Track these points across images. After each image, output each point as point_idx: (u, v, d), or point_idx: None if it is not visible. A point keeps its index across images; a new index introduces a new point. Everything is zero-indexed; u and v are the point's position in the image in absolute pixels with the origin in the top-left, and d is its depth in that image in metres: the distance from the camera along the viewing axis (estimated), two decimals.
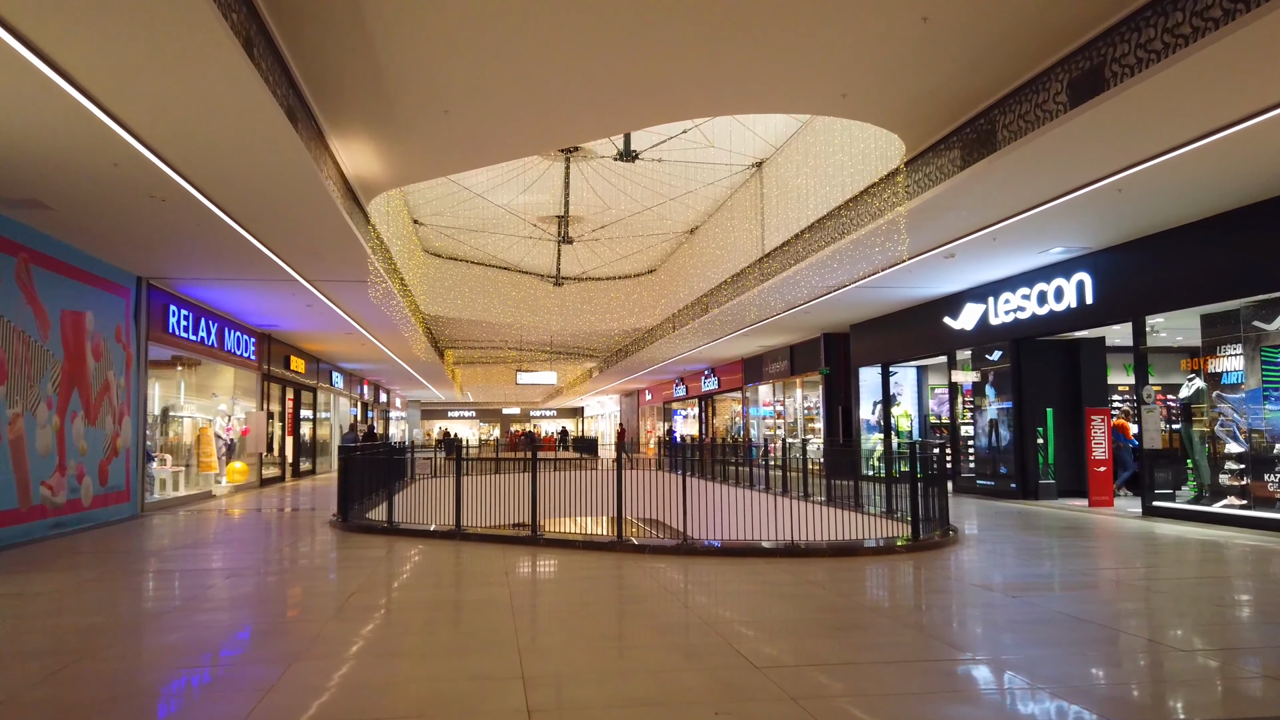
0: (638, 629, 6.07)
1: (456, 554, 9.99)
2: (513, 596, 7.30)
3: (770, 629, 6.06)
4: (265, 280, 15.27)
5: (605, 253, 25.33)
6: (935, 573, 8.41)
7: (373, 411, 44.55)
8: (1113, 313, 13.69)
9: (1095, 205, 11.19)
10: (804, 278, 15.59)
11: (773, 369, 29.18)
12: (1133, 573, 8.62)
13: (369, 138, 10.70)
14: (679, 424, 45.54)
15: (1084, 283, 14.12)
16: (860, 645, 5.64)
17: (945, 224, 12.25)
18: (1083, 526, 12.24)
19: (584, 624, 6.45)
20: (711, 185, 19.06)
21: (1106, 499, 14.66)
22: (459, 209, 21.41)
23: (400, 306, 18.18)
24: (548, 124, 10.36)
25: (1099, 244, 13.47)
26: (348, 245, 12.51)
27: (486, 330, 29.15)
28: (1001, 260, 14.61)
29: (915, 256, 14.16)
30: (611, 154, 14.43)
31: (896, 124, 10.66)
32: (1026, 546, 10.26)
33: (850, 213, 13.49)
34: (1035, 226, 12.29)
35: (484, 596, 7.46)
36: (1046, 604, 6.80)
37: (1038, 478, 15.99)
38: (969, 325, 17.25)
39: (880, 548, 9.52)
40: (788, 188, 16.20)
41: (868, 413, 22.69)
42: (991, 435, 17.01)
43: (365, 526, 11.88)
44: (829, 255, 14.16)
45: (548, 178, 19.79)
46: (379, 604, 7.17)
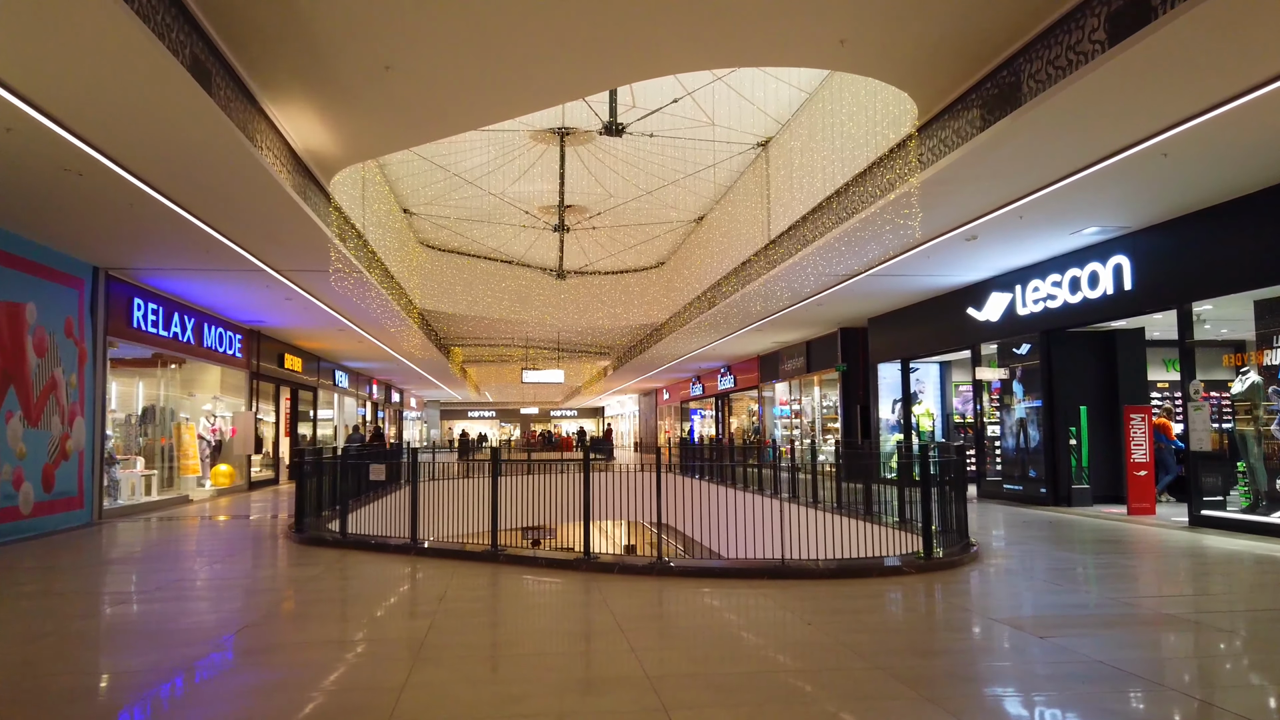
0: (546, 688, 4.80)
1: (401, 573, 8.83)
2: (429, 632, 6.08)
3: (724, 687, 4.79)
4: (231, 270, 14.22)
5: (610, 244, 24.11)
6: (945, 602, 7.10)
7: (383, 411, 43.65)
8: (1155, 299, 12.27)
9: (1136, 175, 9.82)
10: (810, 264, 14.28)
11: (789, 366, 27.83)
12: (1187, 602, 7.27)
13: (310, 103, 9.56)
14: (697, 424, 44.23)
15: (1122, 266, 12.71)
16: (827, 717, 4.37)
17: (965, 199, 10.91)
18: (1122, 539, 10.85)
19: (487, 676, 5.25)
20: (714, 168, 17.78)
21: (1147, 506, 13.24)
22: (452, 198, 20.28)
23: (384, 299, 17.07)
24: (506, 83, 9.16)
25: (1139, 222, 12.06)
26: (303, 228, 11.38)
27: (488, 327, 28.04)
28: (1029, 243, 13.22)
29: (932, 239, 12.82)
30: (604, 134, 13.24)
31: (906, 79, 9.34)
32: (1057, 565, 8.90)
33: (859, 190, 12.18)
34: (1067, 202, 10.92)
35: (394, 635, 6.23)
36: (1082, 648, 5.48)
37: (1070, 482, 14.57)
38: (994, 316, 15.85)
39: (885, 568, 8.22)
40: (794, 167, 14.90)
41: (887, 412, 21.31)
42: (1019, 436, 15.62)
43: (319, 540, 10.74)
44: (836, 238, 12.84)
45: (544, 165, 18.60)
46: (258, 645, 5.99)
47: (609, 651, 5.61)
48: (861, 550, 9.08)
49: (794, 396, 28.95)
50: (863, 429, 22.35)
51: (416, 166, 18.20)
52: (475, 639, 6.12)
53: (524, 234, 23.44)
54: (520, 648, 5.90)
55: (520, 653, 5.75)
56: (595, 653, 5.68)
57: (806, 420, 27.93)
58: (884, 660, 5.26)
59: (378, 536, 10.67)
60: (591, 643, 5.98)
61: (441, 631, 6.12)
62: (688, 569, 8.15)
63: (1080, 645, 5.54)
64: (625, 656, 5.37)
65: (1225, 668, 5.38)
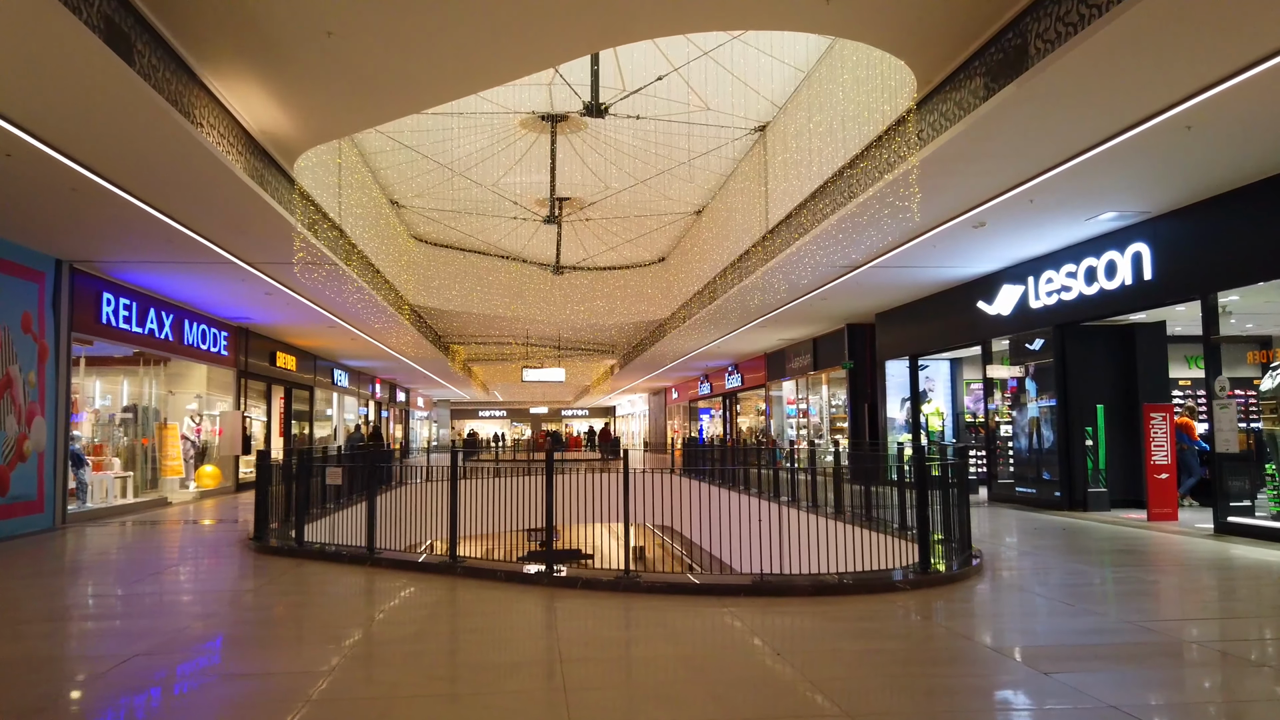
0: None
1: (346, 590, 8.11)
2: (337, 670, 5.34)
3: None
4: (201, 264, 13.57)
5: (609, 238, 23.34)
6: (938, 626, 6.29)
7: (388, 411, 43.05)
8: (1176, 289, 11.40)
9: (1156, 153, 8.98)
10: (808, 255, 13.47)
11: (795, 364, 26.99)
12: (1214, 627, 6.43)
13: (254, 77, 8.85)
14: (705, 424, 43.40)
15: (1141, 255, 11.84)
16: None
17: (970, 181, 10.08)
18: (1142, 548, 10.00)
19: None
20: (710, 156, 16.98)
21: (1169, 511, 12.37)
22: (443, 191, 19.56)
23: (366, 293, 16.38)
24: (464, 50, 8.41)
25: (1160, 207, 11.19)
26: (262, 214, 10.68)
27: (486, 324, 27.33)
28: (1041, 230, 12.37)
29: (937, 226, 11.99)
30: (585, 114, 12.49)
31: (902, 44, 8.54)
32: (1070, 580, 8.07)
33: (857, 173, 11.36)
34: (1081, 184, 10.09)
35: (298, 668, 5.46)
36: (1095, 689, 4.68)
37: (1086, 485, 13.69)
38: (1006, 310, 14.99)
39: (875, 583, 7.40)
40: (791, 152, 14.09)
41: (896, 411, 20.45)
42: (1032, 436, 14.75)
43: (276, 549, 10.02)
44: (834, 225, 12.03)
45: (537, 156, 17.84)
46: (133, 683, 5.27)
47: (531, 694, 4.85)
48: (858, 561, 8.27)
49: (801, 395, 28.10)
50: (871, 429, 21.50)
51: (403, 157, 17.50)
52: (386, 677, 5.35)
53: (521, 229, 22.72)
54: (431, 689, 5.12)
55: (430, 694, 4.99)
56: (519, 693, 4.91)
57: (814, 420, 27.08)
58: (855, 704, 4.47)
59: (340, 546, 9.94)
60: (521, 679, 5.20)
61: (350, 668, 5.37)
62: (657, 585, 7.37)
63: (1092, 685, 4.73)
64: (547, 701, 4.61)
65: (1260, 715, 4.56)
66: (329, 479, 10.73)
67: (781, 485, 15.26)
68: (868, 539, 8.80)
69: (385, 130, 15.77)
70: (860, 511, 11.71)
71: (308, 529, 10.96)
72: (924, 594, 7.22)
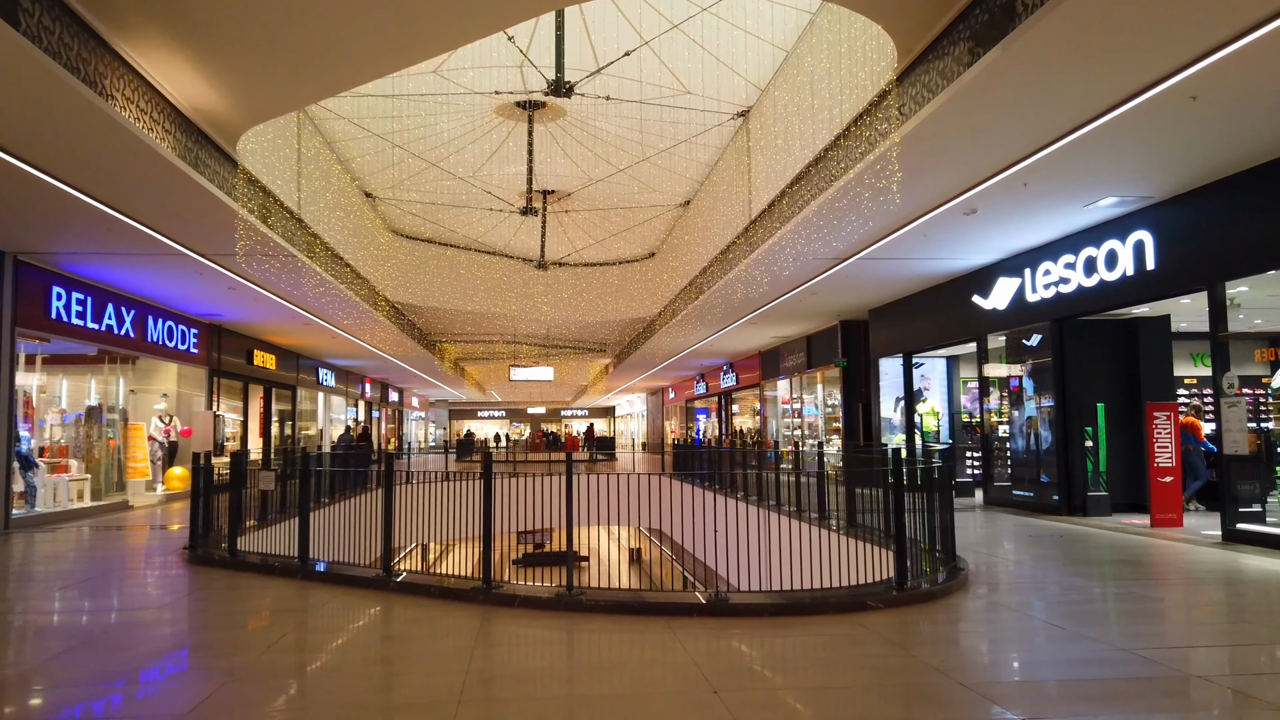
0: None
1: (264, 605, 7.39)
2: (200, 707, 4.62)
3: None
4: (152, 255, 12.88)
5: (595, 232, 22.60)
6: (908, 655, 5.52)
7: (378, 411, 42.36)
8: (1182, 280, 10.64)
9: (1159, 129, 8.23)
10: (790, 245, 12.72)
11: (790, 363, 26.24)
12: (1225, 657, 5.68)
13: (176, 48, 8.14)
14: (702, 424, 42.64)
15: (1143, 243, 11.09)
16: None
17: (957, 161, 9.34)
18: (1145, 558, 9.25)
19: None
20: (693, 143, 16.24)
21: (1174, 517, 11.60)
22: (420, 183, 18.84)
23: (333, 287, 15.67)
24: (400, 16, 7.67)
25: (1164, 191, 10.44)
26: (197, 198, 9.97)
27: (471, 321, 26.61)
28: (1038, 218, 11.62)
29: (925, 214, 11.25)
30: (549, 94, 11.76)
31: (882, 7, 7.80)
32: (1065, 596, 7.31)
33: (839, 156, 10.62)
34: (1078, 165, 9.34)
35: (157, 711, 4.77)
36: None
37: (1085, 489, 12.93)
38: (1001, 304, 14.23)
39: (846, 601, 6.64)
40: (773, 136, 13.34)
41: (890, 410, 19.69)
42: (1029, 436, 13.98)
43: (210, 560, 9.30)
44: (814, 213, 11.29)
45: (515, 145, 17.10)
46: None
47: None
48: (837, 572, 7.52)
49: (795, 395, 27.34)
50: (865, 430, 20.74)
51: (374, 146, 16.79)
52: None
53: (505, 224, 22.00)
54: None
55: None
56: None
57: (809, 420, 26.32)
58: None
59: (278, 557, 9.21)
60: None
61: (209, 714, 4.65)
62: (601, 604, 6.63)
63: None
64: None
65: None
66: (261, 484, 9.99)
67: (766, 489, 14.53)
68: (849, 548, 8.06)
69: (353, 117, 15.06)
70: (842, 518, 10.99)
71: (257, 537, 10.27)
72: (899, 614, 6.47)
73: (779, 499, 13.57)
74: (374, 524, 8.78)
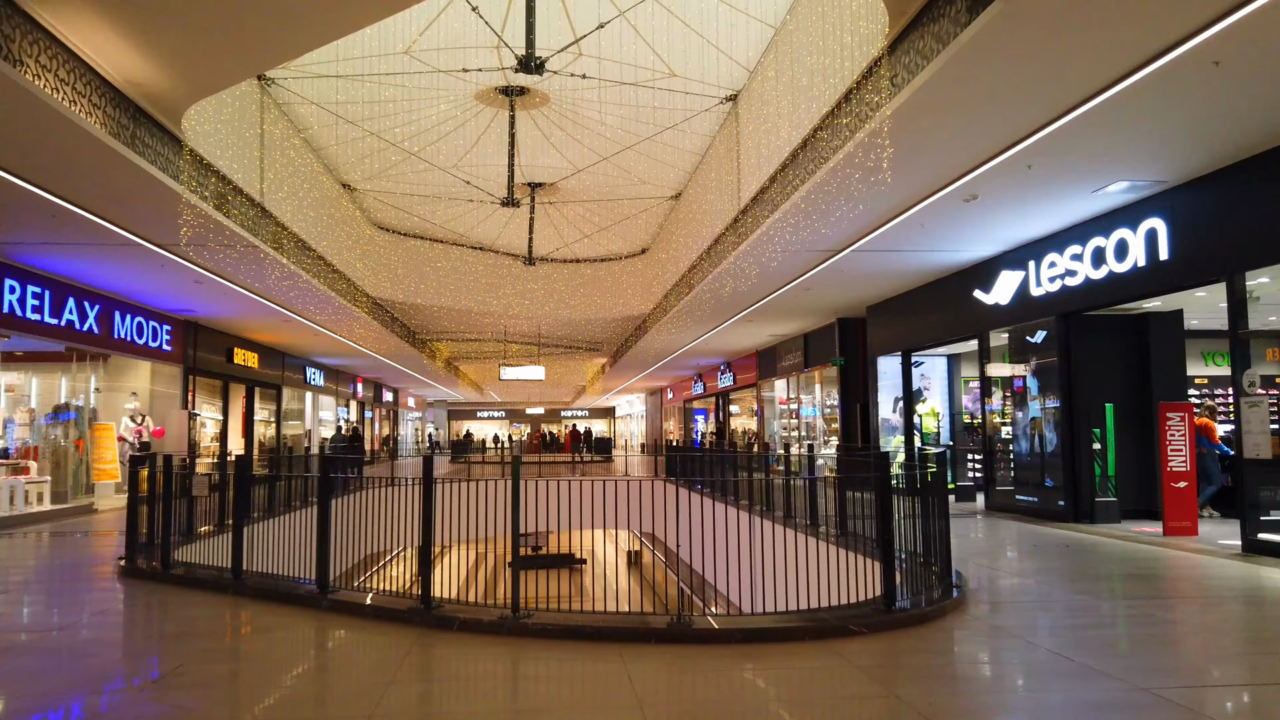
0: None
1: (179, 625, 6.68)
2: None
3: None
4: (105, 245, 12.20)
5: (585, 226, 21.84)
6: (887, 698, 4.76)
7: (371, 411, 41.65)
8: (1198, 270, 9.89)
9: (1177, 101, 7.49)
10: (779, 235, 11.97)
11: (787, 362, 25.50)
12: (1255, 697, 4.92)
13: (98, 10, 7.40)
14: (700, 425, 41.88)
15: (1156, 231, 10.32)
16: None
17: (955, 140, 8.59)
18: (1159, 572, 8.49)
19: None
20: (682, 132, 15.49)
21: (1188, 525, 10.84)
22: (400, 173, 18.09)
23: (303, 280, 14.95)
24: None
25: (1179, 174, 9.68)
26: (132, 177, 9.24)
27: (460, 319, 25.85)
28: (1043, 205, 10.87)
29: (921, 201, 10.51)
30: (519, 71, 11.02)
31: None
32: (1071, 619, 6.55)
33: (827, 135, 9.87)
34: (1086, 142, 8.59)
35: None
36: None
37: (1093, 494, 12.16)
38: (1004, 299, 13.47)
39: (823, 626, 5.87)
40: (763, 120, 12.59)
41: (889, 411, 18.93)
42: (1034, 438, 13.22)
43: (143, 572, 8.57)
44: (803, 199, 10.54)
45: (500, 135, 16.33)
46: None
47: None
48: (822, 588, 6.77)
49: (793, 395, 26.59)
50: (864, 431, 19.99)
51: (351, 134, 16.05)
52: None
53: (494, 219, 21.24)
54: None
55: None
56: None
57: (805, 421, 25.56)
58: None
59: (212, 569, 8.48)
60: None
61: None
62: (550, 628, 5.87)
63: None
64: None
65: None
66: (194, 490, 9.27)
67: (755, 494, 13.78)
68: (839, 560, 7.29)
69: (324, 103, 14.34)
70: (834, 526, 10.25)
71: (208, 547, 9.55)
72: (885, 641, 5.71)
73: (768, 504, 12.83)
74: (337, 533, 8.03)
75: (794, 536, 9.20)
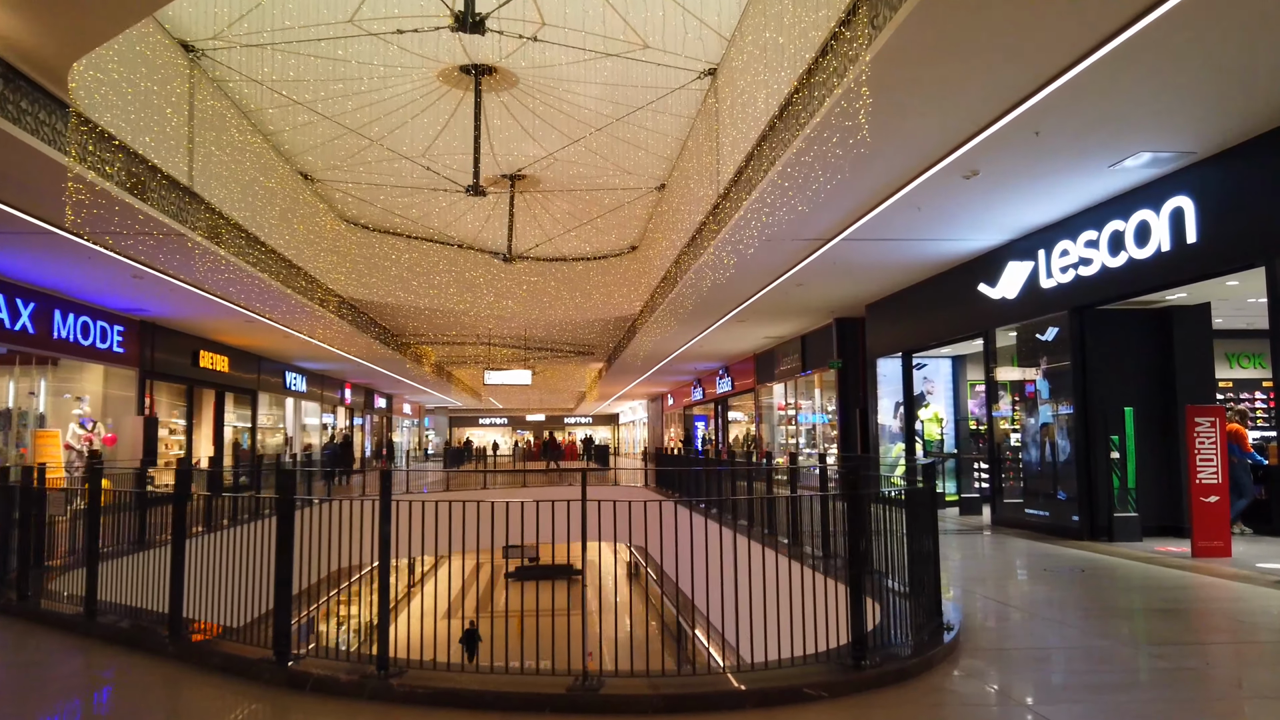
0: None
1: None
2: None
3: None
4: (14, 234, 11.03)
5: (568, 220, 20.61)
6: None
7: (362, 418, 40.50)
8: (1230, 254, 8.60)
9: (1208, 51, 6.23)
10: (754, 217, 10.72)
11: (784, 365, 24.22)
12: None
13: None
14: (700, 431, 40.58)
15: (1182, 211, 9.03)
16: None
17: (948, 96, 7.33)
18: (1191, 605, 7.20)
19: None
20: (661, 115, 14.25)
21: (1220, 545, 9.52)
22: (364, 162, 16.91)
23: (246, 273, 13.78)
24: None
25: (1208, 145, 8.41)
26: (10, 149, 8.07)
27: (436, 319, 24.64)
28: (1053, 183, 9.60)
29: (915, 177, 9.27)
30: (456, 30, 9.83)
31: None
32: (1090, 677, 5.24)
33: (805, 98, 8.61)
34: (1102, 105, 7.34)
35: None
36: None
37: (1111, 508, 10.84)
38: (1011, 292, 12.19)
39: (772, 690, 4.60)
40: (739, 92, 11.34)
41: (889, 416, 17.63)
42: (1044, 446, 11.91)
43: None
44: (779, 175, 9.29)
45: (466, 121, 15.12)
46: None
47: None
48: (794, 625, 5.49)
49: (791, 400, 25.29)
50: (863, 438, 18.70)
51: (305, 117, 14.86)
52: None
53: (472, 213, 20.04)
54: None
55: None
56: None
57: (804, 428, 24.27)
58: None
59: (74, 603, 7.25)
60: None
61: None
62: (420, 693, 4.62)
63: None
64: None
65: None
66: (50, 508, 8.05)
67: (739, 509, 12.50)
68: (819, 589, 6.00)
69: (270, 81, 13.16)
70: (818, 547, 8.99)
71: (114, 569, 8.33)
72: (849, 711, 4.44)
73: (749, 520, 11.57)
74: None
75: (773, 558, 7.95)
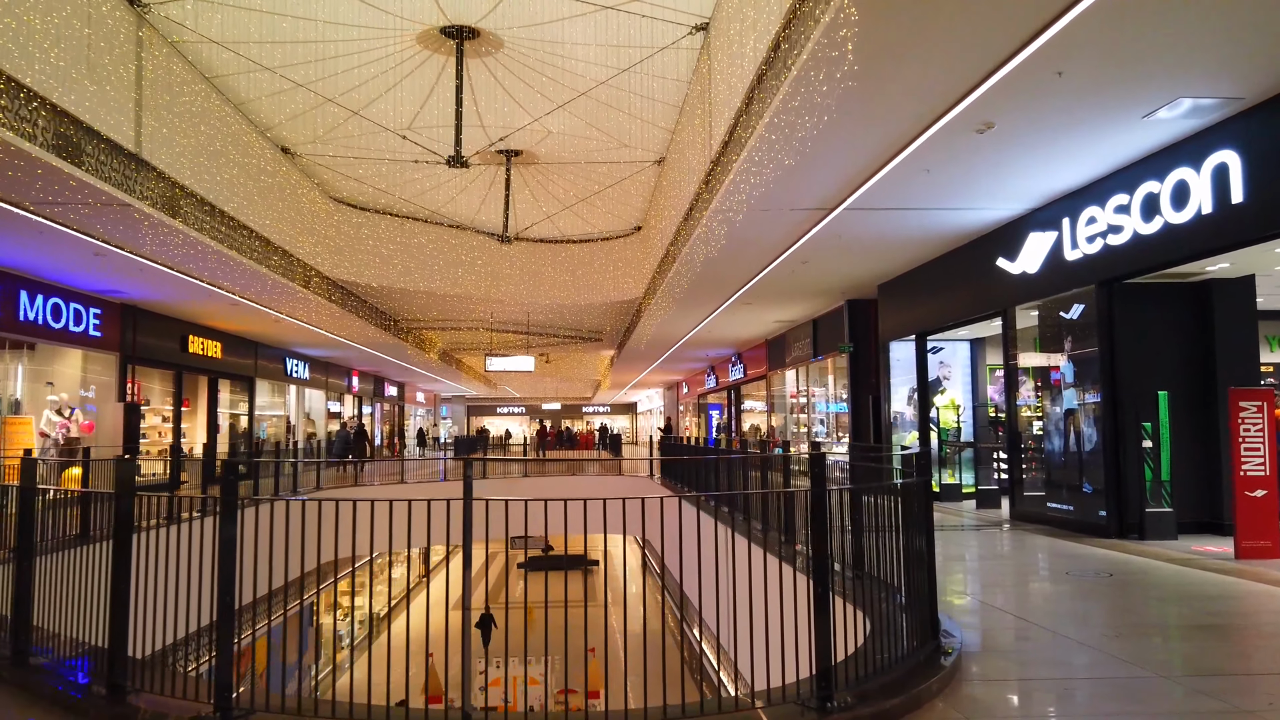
0: None
1: None
2: None
3: None
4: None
5: (567, 198, 19.65)
6: None
7: (372, 406, 39.82)
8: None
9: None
10: (743, 180, 9.70)
11: (795, 351, 23.18)
12: None
13: None
14: (715, 420, 39.58)
15: (1226, 168, 7.94)
16: None
17: (955, 28, 6.30)
18: (1237, 619, 6.16)
19: None
20: (650, 76, 13.23)
21: (1269, 545, 8.45)
22: (342, 134, 16.01)
23: (210, 248, 12.94)
24: None
25: (1257, 90, 7.33)
26: None
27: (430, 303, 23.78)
28: (1077, 137, 8.52)
29: (922, 132, 8.24)
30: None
31: None
32: (1119, 715, 4.25)
33: (793, 34, 7.59)
34: (1134, 40, 6.30)
35: None
36: None
37: (1143, 503, 9.77)
38: (1032, 266, 11.11)
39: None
40: (729, 43, 10.32)
41: (903, 403, 16.59)
42: (1069, 434, 10.85)
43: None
44: (764, 129, 8.28)
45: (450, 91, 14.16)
46: None
47: None
48: (775, 642, 4.52)
49: (803, 388, 24.24)
50: (876, 426, 17.66)
51: (278, 84, 13.97)
52: None
53: (470, 191, 19.15)
54: None
55: None
56: None
57: (815, 416, 23.23)
58: None
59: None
60: None
61: None
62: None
63: None
64: None
65: None
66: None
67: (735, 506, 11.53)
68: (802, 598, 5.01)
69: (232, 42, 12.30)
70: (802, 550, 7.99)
71: None
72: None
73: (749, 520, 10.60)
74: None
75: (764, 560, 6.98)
